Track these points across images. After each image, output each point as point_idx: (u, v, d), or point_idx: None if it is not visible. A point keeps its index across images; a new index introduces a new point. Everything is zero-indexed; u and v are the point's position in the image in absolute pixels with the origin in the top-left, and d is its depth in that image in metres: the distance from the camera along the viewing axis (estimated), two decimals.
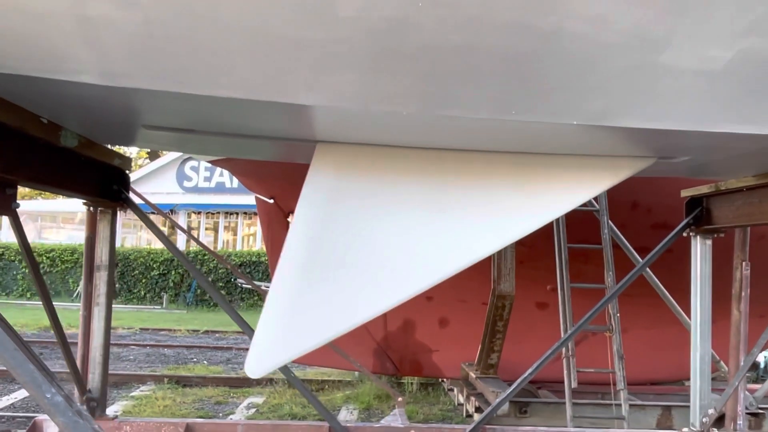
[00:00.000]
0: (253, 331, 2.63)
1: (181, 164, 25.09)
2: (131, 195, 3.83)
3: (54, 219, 30.17)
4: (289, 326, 2.50)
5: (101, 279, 3.78)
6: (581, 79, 1.95)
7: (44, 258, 21.30)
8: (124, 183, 3.79)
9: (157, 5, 1.69)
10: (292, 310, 2.51)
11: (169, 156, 25.41)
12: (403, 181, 2.76)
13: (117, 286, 21.00)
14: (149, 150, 35.06)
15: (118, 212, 3.85)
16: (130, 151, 37.88)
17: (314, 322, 2.49)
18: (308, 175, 2.65)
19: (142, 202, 5.64)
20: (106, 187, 3.65)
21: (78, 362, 3.70)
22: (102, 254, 3.80)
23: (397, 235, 2.59)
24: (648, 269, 5.18)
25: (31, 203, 28.83)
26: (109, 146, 3.59)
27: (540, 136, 2.51)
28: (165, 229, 25.44)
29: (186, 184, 25.37)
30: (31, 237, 26.25)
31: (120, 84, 2.02)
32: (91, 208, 3.76)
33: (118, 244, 24.81)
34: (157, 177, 25.19)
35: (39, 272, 3.30)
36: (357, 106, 2.09)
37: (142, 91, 2.11)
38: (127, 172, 3.87)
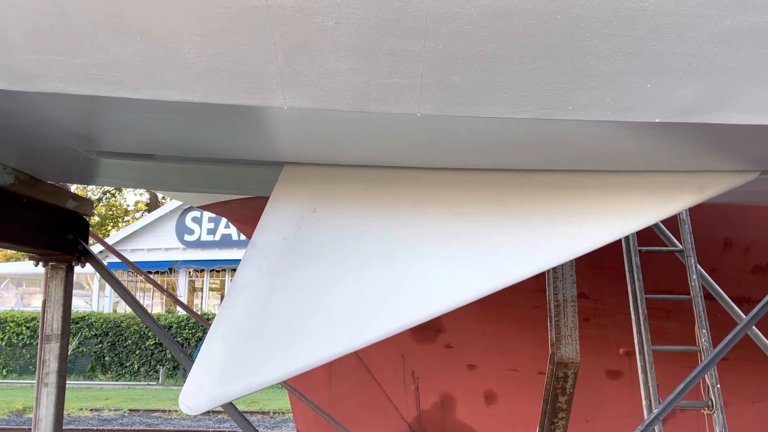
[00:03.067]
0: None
1: (181, 215, 25.11)
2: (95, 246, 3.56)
3: (40, 283, 30.27)
4: (238, 357, 2.35)
5: (51, 352, 3.46)
6: (668, 53, 1.59)
7: (23, 328, 21.24)
8: (82, 231, 3.54)
9: None
10: (243, 339, 2.38)
11: (167, 206, 25.48)
12: (391, 207, 2.57)
13: (107, 359, 20.77)
14: (148, 201, 35.56)
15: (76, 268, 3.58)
16: (128, 203, 38.46)
17: (269, 355, 2.34)
18: (270, 200, 2.50)
19: (117, 259, 5.38)
20: (58, 237, 3.38)
21: None
22: (53, 321, 3.50)
23: (381, 267, 2.47)
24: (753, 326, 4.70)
25: (15, 266, 29.04)
26: (61, 185, 3.36)
27: (597, 144, 2.14)
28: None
29: (187, 237, 25.30)
30: (12, 304, 26.36)
31: (33, 88, 1.74)
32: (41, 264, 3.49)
33: (109, 310, 24.58)
34: (153, 231, 25.21)
35: None
36: (350, 107, 1.76)
37: (67, 98, 1.82)
38: (87, 217, 3.62)
